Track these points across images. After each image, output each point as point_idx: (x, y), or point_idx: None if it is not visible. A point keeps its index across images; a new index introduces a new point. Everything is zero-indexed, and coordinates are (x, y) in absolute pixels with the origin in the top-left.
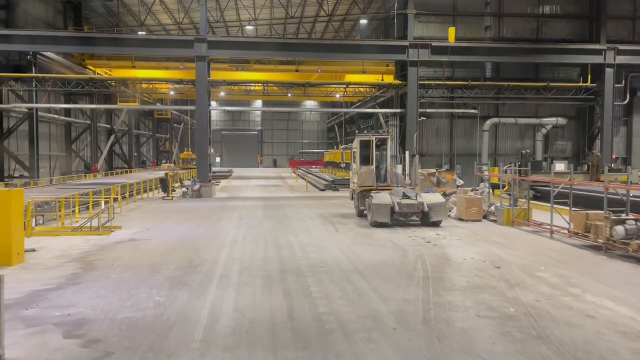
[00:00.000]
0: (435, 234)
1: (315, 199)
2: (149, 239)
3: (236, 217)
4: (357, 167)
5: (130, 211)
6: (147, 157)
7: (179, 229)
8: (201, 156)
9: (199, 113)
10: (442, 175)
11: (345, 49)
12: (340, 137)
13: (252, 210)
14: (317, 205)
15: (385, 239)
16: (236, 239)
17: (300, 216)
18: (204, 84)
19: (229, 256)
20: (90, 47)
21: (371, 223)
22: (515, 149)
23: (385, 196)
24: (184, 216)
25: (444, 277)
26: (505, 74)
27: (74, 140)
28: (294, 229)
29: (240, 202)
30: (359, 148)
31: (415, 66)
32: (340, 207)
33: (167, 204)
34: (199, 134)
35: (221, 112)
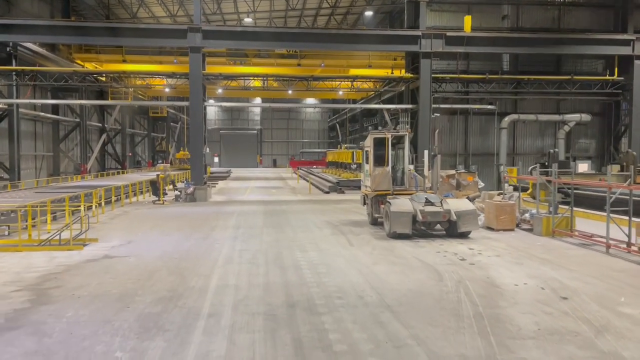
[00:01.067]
0: (468, 248)
1: (320, 203)
2: (127, 256)
3: (233, 225)
4: (371, 168)
5: (114, 218)
6: (142, 158)
7: (166, 241)
8: (195, 156)
9: (193, 109)
10: (462, 177)
11: (351, 40)
12: (342, 136)
13: (250, 216)
14: (324, 211)
15: (410, 256)
16: (231, 256)
17: (305, 224)
18: (198, 78)
19: (221, 282)
20: (75, 37)
21: (389, 234)
22: (534, 148)
23: (406, 203)
24: (174, 224)
25: (502, 315)
26: (524, 67)
27: (62, 139)
28: (300, 242)
29: (238, 207)
30: (373, 147)
31: (428, 58)
32: (350, 213)
33: (157, 209)
34: (193, 132)
35: (219, 111)
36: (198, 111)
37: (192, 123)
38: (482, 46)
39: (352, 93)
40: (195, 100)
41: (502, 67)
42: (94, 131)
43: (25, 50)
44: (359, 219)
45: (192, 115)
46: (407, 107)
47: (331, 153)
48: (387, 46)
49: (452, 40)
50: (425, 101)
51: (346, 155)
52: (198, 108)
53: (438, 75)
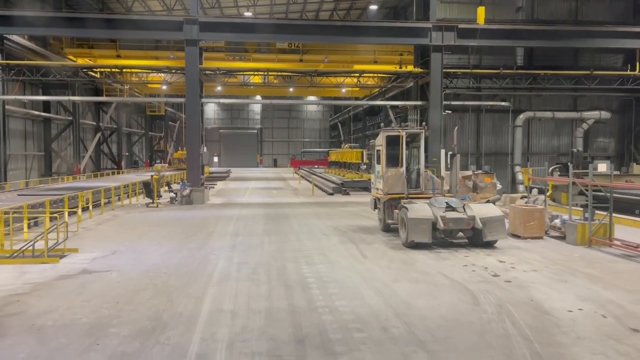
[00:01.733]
0: (498, 260)
1: (325, 206)
2: (108, 271)
3: (231, 232)
4: (383, 169)
5: (102, 223)
6: (139, 157)
7: (155, 252)
8: (192, 156)
9: (189, 106)
10: (479, 178)
11: (357, 32)
12: (344, 135)
13: (250, 221)
14: (329, 215)
15: (435, 271)
16: (228, 271)
17: (311, 230)
18: (195, 73)
19: (215, 305)
20: (65, 30)
21: (406, 243)
22: (549, 147)
23: (424, 208)
24: (166, 231)
25: (568, 357)
26: (540, 61)
27: (54, 138)
28: (307, 252)
29: (237, 211)
30: (385, 146)
31: (439, 51)
32: (358, 217)
33: (150, 212)
34: (190, 130)
35: (219, 110)
36: (195, 108)
37: (188, 121)
38: (496, 39)
39: (355, 91)
40: (191, 96)
41: (516, 62)
42: (88, 130)
43: (13, 44)
44: (368, 225)
45: (189, 113)
46: (416, 104)
47: (334, 152)
48: (395, 39)
49: (464, 33)
50: (436, 97)
51: (350, 154)
52: (195, 105)
53: (449, 70)
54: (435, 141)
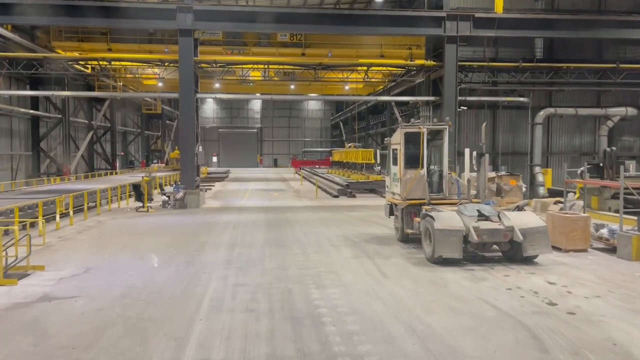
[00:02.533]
0: (546, 282)
1: (330, 210)
2: (73, 297)
3: (227, 243)
4: (401, 171)
5: (82, 231)
6: (135, 157)
7: (136, 269)
8: (186, 155)
9: (183, 101)
10: (504, 180)
11: (365, 22)
12: (347, 134)
13: (249, 229)
14: (336, 221)
15: (473, 296)
16: (222, 298)
17: (318, 240)
18: (189, 65)
19: (201, 354)
20: (48, 18)
21: (432, 258)
22: (570, 146)
23: (454, 217)
24: (153, 241)
25: None
26: (560, 54)
27: (43, 137)
28: (315, 270)
29: (234, 216)
30: (403, 144)
31: (454, 43)
32: (369, 224)
33: (139, 218)
34: (184, 128)
35: (218, 109)
36: (189, 103)
37: (182, 117)
38: (515, 29)
39: (358, 89)
40: (185, 90)
41: (535, 55)
42: (80, 129)
43: None
44: (382, 234)
45: (183, 109)
46: (428, 100)
47: (337, 152)
48: (406, 29)
49: (481, 23)
50: (451, 93)
51: (355, 154)
52: (189, 100)
53: (464, 63)
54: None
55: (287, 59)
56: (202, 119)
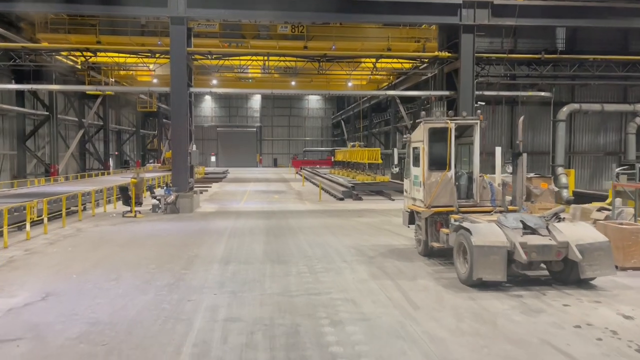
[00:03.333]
0: (619, 314)
1: (336, 215)
2: (15, 340)
3: (220, 257)
4: (424, 173)
5: (56, 242)
6: (130, 157)
7: (107, 294)
8: (178, 155)
9: (175, 96)
10: (533, 183)
11: (372, 9)
12: (348, 133)
13: (247, 239)
14: (345, 228)
15: (534, 338)
16: (208, 340)
17: (326, 254)
18: (182, 56)
19: None
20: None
21: (468, 280)
22: (594, 145)
23: (494, 230)
24: (134, 255)
25: None
26: (584, 45)
27: (29, 135)
28: (327, 296)
29: (231, 222)
30: (427, 142)
31: (470, 32)
32: (382, 232)
33: (124, 225)
34: (176, 126)
35: (216, 107)
36: (181, 98)
37: (173, 113)
38: (538, 18)
39: (362, 86)
40: (177, 84)
41: (556, 46)
42: (71, 127)
43: None
44: (400, 245)
45: (174, 104)
46: (442, 94)
47: (340, 152)
48: (418, 17)
49: (500, 10)
50: (467, 86)
51: (361, 154)
52: (181, 94)
53: (482, 55)
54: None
55: (288, 51)
56: (200, 118)
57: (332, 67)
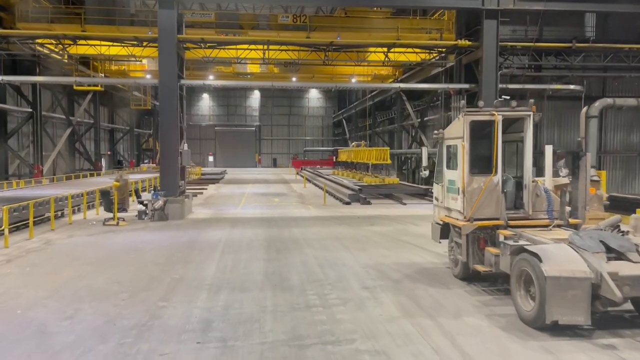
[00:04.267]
0: None
1: (346, 223)
2: None
3: (209, 282)
4: (464, 177)
5: (14, 260)
6: (124, 157)
7: (50, 343)
8: (167, 155)
9: (163, 89)
10: None
11: None
12: (350, 132)
13: (243, 255)
14: (359, 240)
15: None
16: None
17: (341, 277)
18: (171, 44)
19: None
20: None
21: (537, 322)
22: (626, 145)
23: (570, 255)
24: (104, 279)
25: None
26: (616, 34)
27: (11, 134)
28: (349, 344)
29: (226, 232)
30: (468, 138)
31: (494, 18)
32: (403, 246)
33: (103, 235)
34: (164, 122)
35: (214, 106)
36: (170, 91)
37: (162, 109)
38: (569, 2)
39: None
40: (166, 75)
41: (585, 34)
42: (59, 125)
43: None
44: (426, 262)
45: (163, 97)
46: (462, 87)
47: (344, 151)
48: (436, 1)
49: None
50: (490, 78)
51: (368, 154)
52: (170, 86)
53: (506, 44)
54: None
55: (290, 38)
56: (197, 117)
57: (338, 58)
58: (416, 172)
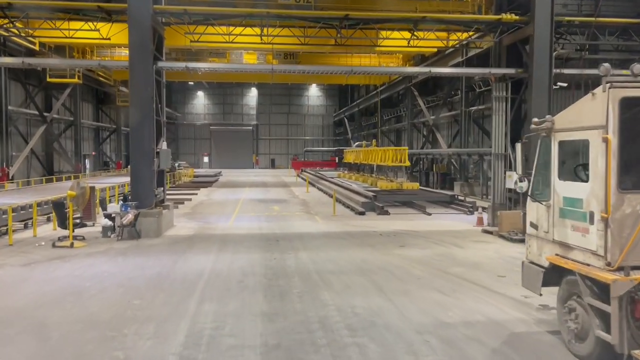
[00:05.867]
0: None
1: (367, 243)
2: None
3: None
4: (608, 194)
5: None
6: (110, 158)
7: None
8: (139, 156)
9: (134, 72)
10: None
11: None
12: (352, 132)
13: (232, 303)
14: (393, 275)
15: None
16: None
17: (390, 355)
18: (144, 16)
19: None
20: None
21: None
22: None
23: None
24: None
25: None
26: None
27: None
28: None
29: (211, 259)
30: (618, 127)
31: None
32: (458, 284)
33: (42, 265)
34: (135, 113)
35: (209, 104)
36: (143, 75)
37: (133, 97)
38: None
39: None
40: (138, 56)
41: None
42: (34, 123)
43: None
44: (509, 319)
45: (134, 83)
46: (506, 72)
47: (351, 152)
48: None
49: None
50: (543, 61)
51: (383, 155)
52: (143, 69)
53: (562, 18)
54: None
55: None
56: (191, 115)
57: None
58: (431, 176)
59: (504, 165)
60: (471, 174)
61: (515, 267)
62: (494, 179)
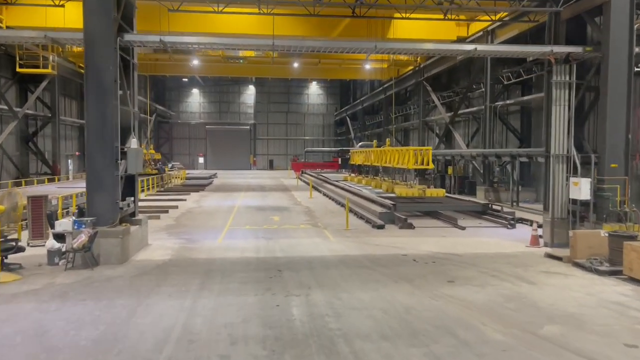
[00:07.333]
0: None
1: (401, 276)
2: None
3: None
4: None
5: None
6: None
7: None
8: (97, 156)
9: (91, 47)
10: None
11: None
12: (355, 132)
13: None
14: (462, 343)
15: None
16: None
17: None
18: None
19: None
20: None
21: None
22: None
23: None
24: None
25: None
26: None
27: None
28: None
29: (187, 303)
30: None
31: None
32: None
33: None
34: (92, 101)
35: (205, 102)
36: (102, 48)
37: (87, 78)
38: None
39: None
40: (94, 21)
41: None
42: (5, 119)
43: None
44: None
45: (90, 61)
46: (572, 51)
47: (360, 152)
48: None
49: None
50: (622, 34)
51: (401, 155)
52: (102, 41)
53: None
54: (620, 124)
55: None
56: (186, 114)
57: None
58: (447, 180)
59: (566, 170)
60: (497, 177)
61: (636, 322)
62: (553, 186)
